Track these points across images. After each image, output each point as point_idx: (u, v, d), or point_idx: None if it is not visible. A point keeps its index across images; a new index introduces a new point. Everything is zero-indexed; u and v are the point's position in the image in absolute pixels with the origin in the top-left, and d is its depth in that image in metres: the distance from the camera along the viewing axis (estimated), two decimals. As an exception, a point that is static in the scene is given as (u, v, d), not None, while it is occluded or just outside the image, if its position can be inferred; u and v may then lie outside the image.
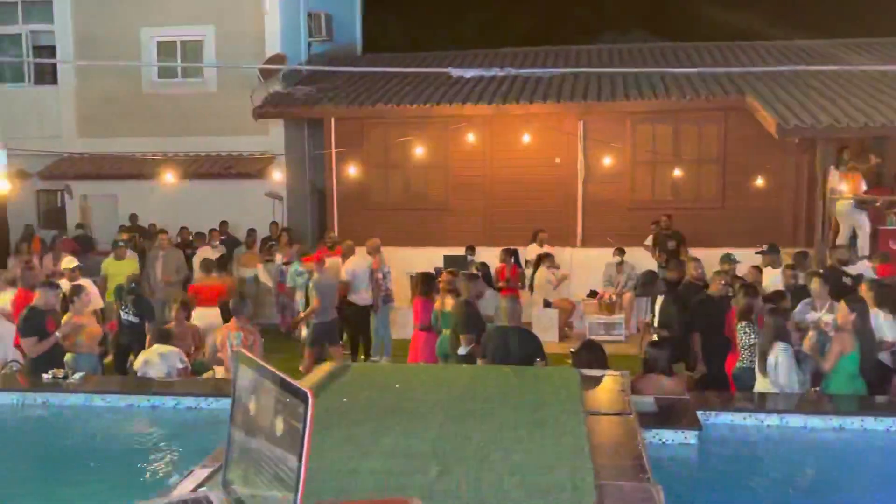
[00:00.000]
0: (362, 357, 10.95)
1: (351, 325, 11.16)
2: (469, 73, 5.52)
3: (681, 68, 14.65)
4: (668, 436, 5.19)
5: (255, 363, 1.28)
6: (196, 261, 12.42)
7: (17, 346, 8.32)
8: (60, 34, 16.38)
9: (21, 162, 14.65)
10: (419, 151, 14.21)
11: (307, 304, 10.76)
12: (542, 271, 12.47)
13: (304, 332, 10.50)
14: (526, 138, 13.89)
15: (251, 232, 14.42)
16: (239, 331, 8.03)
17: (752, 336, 7.19)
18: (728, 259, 9.86)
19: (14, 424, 6.34)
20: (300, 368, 9.31)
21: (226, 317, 10.31)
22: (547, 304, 12.40)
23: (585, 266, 13.79)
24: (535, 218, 13.92)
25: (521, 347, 6.79)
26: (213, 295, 10.77)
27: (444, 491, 3.06)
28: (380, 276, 11.16)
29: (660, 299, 8.48)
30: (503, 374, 5.19)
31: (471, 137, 14.22)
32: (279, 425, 1.13)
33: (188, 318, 9.27)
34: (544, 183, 14.37)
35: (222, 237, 14.14)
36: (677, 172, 14.10)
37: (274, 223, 14.94)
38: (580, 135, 14.25)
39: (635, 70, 14.77)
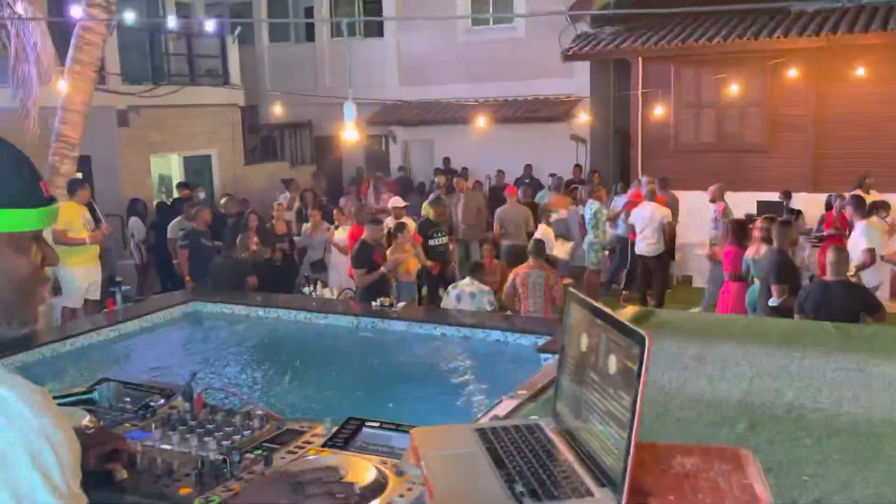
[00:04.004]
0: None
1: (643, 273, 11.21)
2: (812, 7, 5.01)
3: None
4: None
5: (587, 302, 1.32)
6: None
7: (352, 275, 9.38)
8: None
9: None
10: (734, 89, 13.34)
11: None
12: (873, 221, 11.17)
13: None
14: (860, 72, 12.41)
15: (554, 175, 14.64)
16: (541, 269, 8.29)
17: None
18: None
19: (349, 344, 7.17)
20: None
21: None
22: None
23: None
24: (868, 161, 12.45)
25: (847, 303, 6.21)
26: None
27: (753, 446, 2.93)
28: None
29: None
30: (824, 330, 4.78)
31: (793, 73, 13.02)
32: (612, 364, 1.17)
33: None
34: (882, 122, 12.78)
35: (526, 180, 14.50)
36: None
37: (577, 166, 15.03)
38: (931, 65, 12.43)
39: None
